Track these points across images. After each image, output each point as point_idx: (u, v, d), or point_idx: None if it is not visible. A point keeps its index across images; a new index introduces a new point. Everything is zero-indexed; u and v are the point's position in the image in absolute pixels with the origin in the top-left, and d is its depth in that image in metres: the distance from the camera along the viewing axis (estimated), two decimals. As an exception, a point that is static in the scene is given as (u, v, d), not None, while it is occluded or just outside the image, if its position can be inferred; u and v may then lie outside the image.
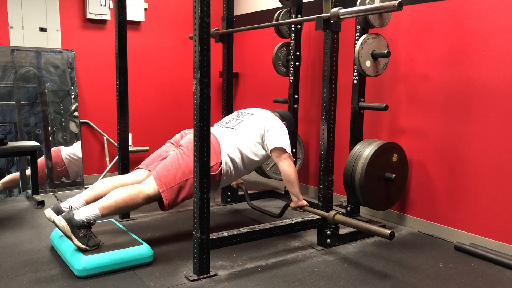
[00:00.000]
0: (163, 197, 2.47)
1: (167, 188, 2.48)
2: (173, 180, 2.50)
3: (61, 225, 2.25)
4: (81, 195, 2.51)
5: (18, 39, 3.84)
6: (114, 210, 2.38)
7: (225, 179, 2.68)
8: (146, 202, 2.48)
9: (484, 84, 2.68)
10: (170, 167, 2.53)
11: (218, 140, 2.67)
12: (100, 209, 2.33)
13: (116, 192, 2.42)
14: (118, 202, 2.37)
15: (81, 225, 2.27)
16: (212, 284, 2.21)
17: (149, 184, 2.49)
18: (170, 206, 2.51)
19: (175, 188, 2.50)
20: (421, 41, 3.01)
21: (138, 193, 2.44)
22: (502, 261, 2.50)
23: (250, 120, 2.85)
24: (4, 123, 3.76)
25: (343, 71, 3.22)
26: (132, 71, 4.04)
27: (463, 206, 2.83)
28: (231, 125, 2.88)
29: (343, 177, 2.89)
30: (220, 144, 2.66)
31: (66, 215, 2.27)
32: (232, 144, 2.70)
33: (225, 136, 2.74)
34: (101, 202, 2.36)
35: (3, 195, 3.69)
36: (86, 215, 2.30)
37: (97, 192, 2.52)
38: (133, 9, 4.22)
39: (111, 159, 4.31)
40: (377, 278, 2.32)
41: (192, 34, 2.17)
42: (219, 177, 2.64)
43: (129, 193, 2.41)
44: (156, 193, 2.48)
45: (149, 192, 2.47)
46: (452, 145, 2.87)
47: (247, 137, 2.75)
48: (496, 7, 2.61)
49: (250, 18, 4.50)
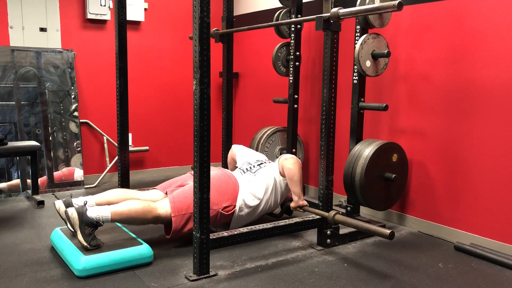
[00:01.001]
0: (173, 221, 2.52)
1: (179, 214, 2.54)
2: (186, 208, 2.55)
3: (72, 216, 2.29)
4: (93, 197, 2.60)
5: (18, 39, 3.84)
6: (125, 218, 2.43)
7: (235, 223, 2.77)
8: (153, 222, 2.54)
9: (484, 84, 2.68)
10: (187, 195, 2.58)
11: (238, 184, 2.80)
12: (112, 213, 2.37)
13: (131, 202, 2.48)
14: (131, 212, 2.43)
15: (90, 223, 2.31)
16: (212, 284, 2.21)
17: (163, 205, 2.56)
18: (175, 232, 2.56)
19: (185, 216, 2.55)
20: (421, 41, 3.01)
21: (151, 210, 2.49)
22: (502, 261, 2.50)
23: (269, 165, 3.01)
24: (4, 123, 3.76)
25: (343, 71, 3.22)
26: (132, 71, 4.05)
27: (463, 206, 2.83)
28: (251, 171, 2.99)
29: (343, 177, 2.89)
30: (239, 188, 2.79)
31: (80, 208, 2.31)
32: (249, 191, 2.82)
33: (244, 181, 2.86)
34: (114, 207, 2.41)
35: (3, 195, 3.69)
36: (97, 214, 2.34)
37: (110, 199, 2.61)
38: (133, 9, 4.22)
39: (111, 159, 4.31)
40: (377, 278, 2.32)
41: (192, 34, 2.17)
42: (229, 218, 2.74)
43: (143, 207, 2.48)
44: (167, 216, 2.53)
45: (161, 212, 2.53)
46: (452, 145, 2.87)
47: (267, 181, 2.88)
48: (496, 7, 2.61)
49: (250, 18, 4.50)
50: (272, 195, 2.87)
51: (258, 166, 3.00)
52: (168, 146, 4.64)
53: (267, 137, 3.77)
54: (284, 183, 2.91)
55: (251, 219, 2.85)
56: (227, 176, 2.84)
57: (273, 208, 2.96)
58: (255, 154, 3.19)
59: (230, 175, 2.88)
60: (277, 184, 2.89)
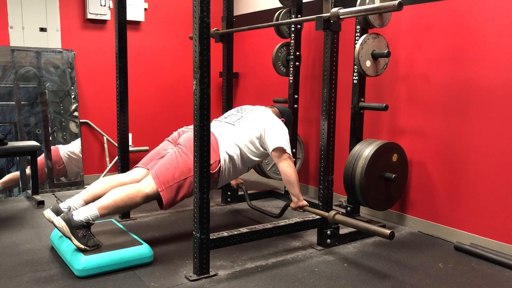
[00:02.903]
0: (162, 196, 2.47)
1: (166, 187, 2.48)
2: (172, 179, 2.49)
3: (60, 225, 2.25)
4: (80, 195, 2.51)
5: (18, 39, 3.84)
6: (113, 209, 2.38)
7: (223, 177, 2.67)
8: (145, 201, 2.47)
9: (484, 84, 2.68)
10: (168, 165, 2.52)
11: (216, 138, 2.66)
12: (99, 209, 2.32)
13: (114, 191, 2.41)
14: (117, 202, 2.37)
15: (80, 226, 2.27)
16: (212, 284, 2.21)
17: (148, 183, 2.49)
18: (169, 204, 2.51)
19: (174, 187, 2.49)
20: (421, 41, 3.01)
21: (137, 193, 2.43)
22: (502, 261, 2.50)
23: (250, 117, 2.83)
24: (4, 123, 3.76)
25: (343, 71, 3.22)
26: (132, 71, 4.04)
27: (463, 206, 2.83)
28: (230, 120, 2.86)
29: (343, 177, 2.89)
30: (218, 141, 2.65)
31: (65, 216, 2.26)
32: (231, 141, 2.68)
33: (223, 132, 2.73)
34: (99, 202, 2.36)
35: (3, 195, 3.69)
36: (85, 215, 2.29)
37: (96, 192, 2.51)
38: (133, 9, 4.22)
39: (111, 159, 4.31)
40: (377, 278, 2.32)
41: (192, 34, 2.17)
42: (217, 175, 2.63)
43: (127, 193, 2.41)
44: (155, 192, 2.47)
45: (148, 191, 2.46)
46: (452, 145, 2.87)
47: (246, 134, 2.73)
48: (496, 7, 2.61)
49: (250, 18, 4.50)
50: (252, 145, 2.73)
51: (237, 112, 2.90)
52: (168, 146, 4.63)
53: (267, 137, 3.76)
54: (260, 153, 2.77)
55: (239, 170, 2.75)
56: None
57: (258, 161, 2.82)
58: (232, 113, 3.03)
59: None
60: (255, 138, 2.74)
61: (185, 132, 2.73)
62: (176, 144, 2.69)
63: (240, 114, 2.90)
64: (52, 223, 2.31)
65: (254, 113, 2.86)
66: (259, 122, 2.78)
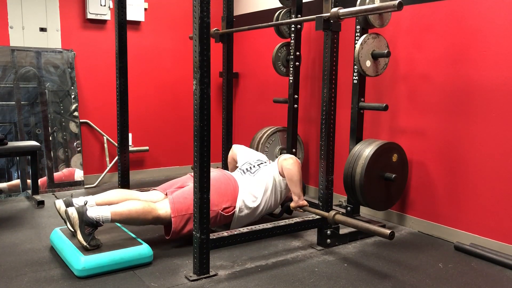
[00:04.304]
0: (172, 222, 2.53)
1: (179, 214, 2.55)
2: (186, 209, 2.55)
3: (72, 215, 2.29)
4: (93, 197, 2.61)
5: (18, 39, 3.84)
6: (125, 218, 2.43)
7: (235, 224, 2.78)
8: (154, 222, 2.54)
9: (484, 84, 2.68)
10: (187, 195, 2.59)
11: (238, 185, 2.81)
12: (112, 213, 2.37)
13: (131, 202, 2.49)
14: (131, 212, 2.43)
15: (90, 223, 2.31)
16: (212, 284, 2.21)
17: (163, 206, 2.56)
18: (175, 233, 2.56)
19: (185, 217, 2.56)
20: (421, 41, 3.01)
21: (151, 210, 2.50)
22: (502, 261, 2.50)
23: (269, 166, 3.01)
24: (4, 123, 3.76)
25: (343, 71, 3.22)
26: (132, 71, 4.05)
27: (463, 206, 2.83)
28: (251, 171, 2.99)
29: (343, 177, 2.89)
30: (239, 189, 2.79)
31: (80, 208, 2.31)
32: (249, 191, 2.82)
33: (244, 182, 2.87)
34: (114, 207, 2.42)
35: (3, 195, 3.69)
36: (97, 214, 2.34)
37: (110, 199, 2.61)
38: (133, 9, 4.22)
39: (111, 159, 4.31)
40: (377, 278, 2.32)
41: (192, 34, 2.17)
42: (230, 219, 2.75)
43: (143, 207, 2.48)
44: (167, 216, 2.54)
45: (161, 213, 2.53)
46: (452, 145, 2.87)
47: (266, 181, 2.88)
48: (496, 7, 2.61)
49: (250, 18, 4.50)
50: (272, 195, 2.87)
51: (258, 166, 3.01)
52: (168, 146, 4.64)
53: (267, 137, 3.77)
54: (283, 183, 2.91)
55: (251, 219, 2.85)
56: (227, 177, 2.85)
57: (273, 208, 2.96)
58: (256, 154, 3.19)
59: (230, 176, 2.88)
60: (276, 184, 2.89)
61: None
62: None
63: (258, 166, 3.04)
64: (64, 212, 2.37)
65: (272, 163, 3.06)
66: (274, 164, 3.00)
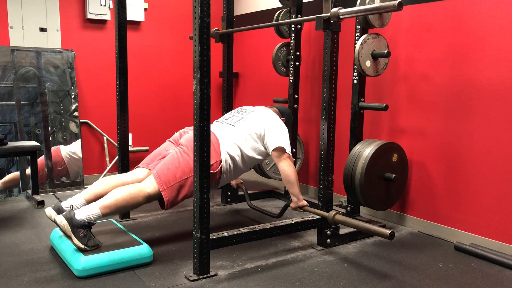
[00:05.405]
0: (163, 196, 2.47)
1: (167, 186, 2.48)
2: (173, 178, 2.50)
3: (61, 224, 2.25)
4: (81, 195, 2.51)
5: (18, 39, 3.84)
6: (115, 209, 2.38)
7: (225, 177, 2.68)
8: (146, 201, 2.48)
9: (484, 84, 2.68)
10: (170, 165, 2.53)
11: (217, 138, 2.67)
12: (100, 209, 2.32)
13: (116, 191, 2.42)
14: (119, 201, 2.38)
15: (82, 225, 2.27)
16: (212, 284, 2.21)
17: (150, 183, 2.49)
18: (170, 204, 2.51)
19: (175, 186, 2.50)
20: (421, 41, 3.01)
21: (139, 192, 2.44)
22: (502, 261, 2.50)
23: (251, 118, 2.84)
24: (4, 123, 3.76)
25: (343, 71, 3.22)
26: (132, 71, 4.04)
27: (463, 206, 2.83)
28: (230, 121, 2.87)
29: (343, 177, 2.89)
30: (219, 142, 2.66)
31: (67, 214, 2.26)
32: (232, 142, 2.69)
33: (224, 133, 2.74)
34: (101, 201, 2.36)
35: (3, 195, 3.69)
36: (86, 214, 2.30)
37: (98, 191, 2.52)
38: (133, 9, 4.22)
39: (111, 159, 4.31)
40: (377, 278, 2.32)
41: (192, 34, 2.17)
42: (219, 175, 2.64)
43: (129, 192, 2.41)
44: (157, 192, 2.48)
45: (150, 190, 2.47)
46: (452, 145, 2.87)
47: (247, 134, 2.74)
48: (496, 7, 2.61)
49: (250, 18, 4.50)
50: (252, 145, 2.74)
51: (236, 116, 2.90)
52: (168, 146, 4.63)
53: (267, 137, 3.76)
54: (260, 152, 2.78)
55: (240, 170, 2.76)
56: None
57: (258, 160, 2.84)
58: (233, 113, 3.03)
59: None
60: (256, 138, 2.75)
61: (186, 133, 2.74)
62: (178, 144, 2.69)
63: (240, 115, 2.91)
64: (54, 221, 2.31)
65: (254, 114, 2.87)
66: (260, 122, 2.79)
